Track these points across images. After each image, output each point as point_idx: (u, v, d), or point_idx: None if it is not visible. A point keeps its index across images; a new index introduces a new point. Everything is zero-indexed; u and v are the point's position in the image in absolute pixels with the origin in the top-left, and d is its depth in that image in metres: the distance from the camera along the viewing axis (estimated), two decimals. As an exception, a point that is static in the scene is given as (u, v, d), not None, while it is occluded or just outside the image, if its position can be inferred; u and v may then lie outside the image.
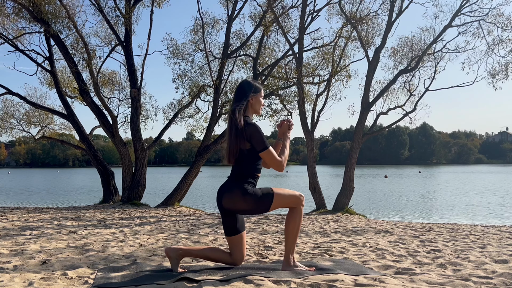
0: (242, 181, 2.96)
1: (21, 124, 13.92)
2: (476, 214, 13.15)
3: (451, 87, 11.39)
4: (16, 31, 12.36)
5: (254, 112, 3.08)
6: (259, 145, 2.91)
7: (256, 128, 2.92)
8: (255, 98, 3.05)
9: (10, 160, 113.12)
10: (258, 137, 2.91)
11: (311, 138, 10.84)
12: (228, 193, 2.96)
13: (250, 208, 2.95)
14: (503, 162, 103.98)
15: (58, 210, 9.82)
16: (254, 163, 2.99)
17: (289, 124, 3.18)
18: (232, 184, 2.97)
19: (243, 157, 2.96)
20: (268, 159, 2.94)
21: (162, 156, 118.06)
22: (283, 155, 3.04)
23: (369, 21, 10.83)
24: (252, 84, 3.08)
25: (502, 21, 10.04)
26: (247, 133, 2.91)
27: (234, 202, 2.94)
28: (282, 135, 3.17)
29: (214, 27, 12.09)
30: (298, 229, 3.05)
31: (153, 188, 24.10)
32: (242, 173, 2.98)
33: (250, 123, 2.94)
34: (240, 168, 2.99)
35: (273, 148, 3.05)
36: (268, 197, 2.95)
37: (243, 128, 2.91)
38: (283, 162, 3.00)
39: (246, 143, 2.92)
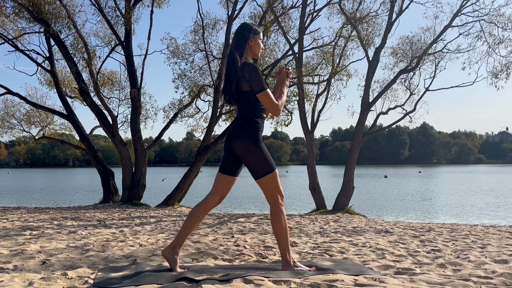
0: (250, 124, 2.97)
1: (21, 124, 13.92)
2: (474, 214, 13.15)
3: (451, 87, 11.42)
4: (16, 31, 12.36)
5: (253, 55, 3.08)
6: (257, 85, 2.91)
7: (256, 68, 2.93)
8: (254, 40, 3.05)
9: (10, 160, 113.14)
10: (257, 77, 2.91)
11: (311, 138, 10.84)
12: (239, 139, 2.96)
13: (250, 160, 2.96)
14: (503, 162, 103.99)
15: (58, 210, 9.82)
16: (257, 104, 2.99)
17: (288, 71, 3.17)
18: (241, 129, 2.98)
19: (245, 99, 2.97)
20: (265, 101, 2.94)
21: (162, 156, 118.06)
22: (280, 99, 3.04)
23: (369, 21, 10.84)
24: (251, 27, 3.07)
25: (502, 21, 10.04)
26: (246, 72, 2.91)
27: (243, 148, 2.95)
28: (280, 83, 3.16)
29: (214, 27, 12.10)
30: (286, 228, 3.03)
31: (153, 188, 24.11)
32: (248, 116, 2.99)
33: (249, 63, 2.95)
34: (244, 111, 3.00)
35: None
36: (268, 168, 2.96)
37: (242, 67, 2.91)
38: (279, 105, 2.99)
39: (245, 83, 2.93)
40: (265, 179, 2.97)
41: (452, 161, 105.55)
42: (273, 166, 3.00)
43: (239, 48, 2.98)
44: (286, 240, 3.04)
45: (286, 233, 3.03)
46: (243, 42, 3.01)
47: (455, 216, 12.80)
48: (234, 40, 3.05)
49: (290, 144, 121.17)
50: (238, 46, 2.99)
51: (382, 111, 10.88)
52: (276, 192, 3.01)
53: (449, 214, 13.19)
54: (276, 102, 2.97)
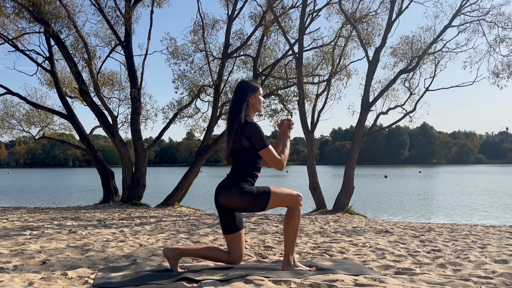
0: (240, 179, 2.97)
1: (21, 124, 13.93)
2: (474, 214, 13.15)
3: (451, 87, 11.41)
4: (16, 31, 12.37)
5: (255, 110, 3.10)
6: (259, 143, 2.92)
7: (256, 126, 2.94)
8: (255, 97, 3.06)
9: (10, 160, 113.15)
10: (258, 135, 2.92)
11: (311, 138, 10.84)
12: (225, 191, 2.97)
13: (246, 206, 2.95)
14: (503, 162, 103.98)
15: (58, 210, 9.82)
16: (253, 162, 3.00)
17: (290, 123, 3.18)
18: (229, 182, 2.98)
19: (242, 155, 2.98)
20: (268, 158, 2.95)
21: (162, 156, 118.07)
22: (283, 154, 3.04)
23: (369, 20, 10.83)
24: (250, 84, 3.09)
25: (502, 20, 10.04)
26: (247, 131, 2.92)
27: (231, 200, 2.95)
28: (282, 135, 3.18)
29: (214, 27, 12.10)
30: (297, 229, 3.04)
31: (153, 188, 24.11)
32: (241, 171, 2.99)
33: (249, 121, 2.96)
34: (239, 166, 3.01)
35: (274, 148, 3.06)
36: (264, 196, 2.95)
37: (243, 126, 2.93)
38: (283, 160, 3.00)
39: (246, 141, 2.93)
40: (269, 205, 2.97)
41: (452, 161, 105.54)
42: (266, 189, 2.98)
43: (239, 106, 2.98)
44: (294, 242, 3.05)
45: (296, 234, 3.05)
46: (243, 100, 3.01)
47: (455, 216, 12.80)
48: (234, 99, 3.05)
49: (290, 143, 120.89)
50: (238, 105, 2.99)
51: (382, 111, 10.88)
52: (287, 199, 3.00)
53: (449, 214, 13.19)
54: (278, 157, 2.98)
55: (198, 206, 14.00)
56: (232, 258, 3.08)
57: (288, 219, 3.03)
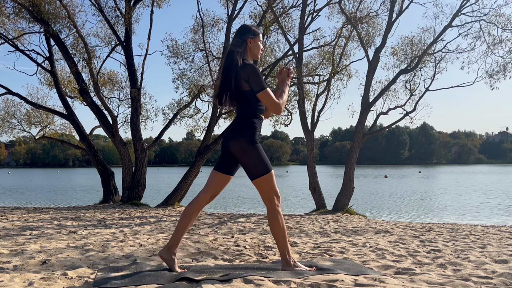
0: (248, 125, 2.97)
1: (22, 124, 13.93)
2: (474, 214, 13.15)
3: (451, 87, 11.40)
4: (16, 31, 12.36)
5: (252, 56, 3.09)
6: (257, 85, 2.91)
7: (254, 68, 2.92)
8: (254, 41, 3.05)
9: (10, 160, 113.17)
10: (256, 77, 2.91)
11: (311, 138, 10.84)
12: (236, 139, 2.96)
13: (247, 160, 2.96)
14: (503, 162, 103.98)
15: (58, 210, 9.82)
16: (256, 104, 2.99)
17: (289, 71, 3.17)
18: (239, 130, 2.98)
19: (243, 99, 2.97)
20: (266, 100, 2.93)
21: (162, 156, 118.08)
22: (281, 98, 3.03)
23: (370, 21, 10.83)
24: (251, 28, 3.08)
25: (502, 21, 10.04)
26: (245, 73, 2.91)
27: (240, 148, 2.94)
28: (281, 83, 3.16)
29: (214, 26, 12.10)
30: (284, 228, 3.02)
31: (153, 188, 24.10)
32: (246, 116, 2.99)
33: (247, 63, 2.95)
34: (242, 112, 3.00)
35: None
36: (264, 169, 2.96)
37: (241, 68, 2.91)
38: (280, 104, 2.99)
39: (245, 83, 2.92)
40: (261, 179, 2.97)
41: (452, 161, 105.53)
42: (269, 166, 2.99)
43: (238, 48, 2.98)
44: (285, 241, 3.04)
45: (284, 234, 3.02)
46: (242, 42, 3.01)
47: (455, 216, 12.80)
48: (233, 40, 3.05)
49: (290, 144, 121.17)
50: (237, 47, 2.99)
51: (382, 111, 10.88)
52: (272, 193, 3.00)
53: (449, 214, 13.19)
54: (276, 100, 2.97)
55: (198, 206, 13.97)
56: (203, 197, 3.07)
57: (271, 219, 3.02)
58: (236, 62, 2.94)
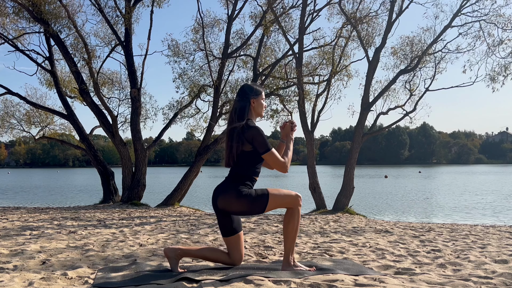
0: (238, 182, 2.96)
1: (21, 124, 13.93)
2: (474, 214, 13.15)
3: (451, 87, 11.38)
4: (16, 31, 12.36)
5: (256, 115, 3.10)
6: (262, 147, 2.91)
7: (258, 130, 2.93)
8: (257, 101, 3.06)
9: (10, 160, 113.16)
10: (260, 139, 2.91)
11: (311, 138, 10.84)
12: (223, 194, 2.96)
13: (244, 209, 2.95)
14: (503, 162, 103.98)
15: (58, 210, 9.82)
16: (253, 166, 3.00)
17: (292, 125, 3.18)
18: (227, 185, 2.98)
19: (243, 159, 2.97)
20: (271, 161, 2.95)
21: (162, 156, 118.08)
22: (286, 156, 3.04)
23: (369, 21, 10.83)
24: (253, 87, 3.09)
25: (502, 21, 10.03)
26: (249, 135, 2.91)
27: (229, 203, 2.94)
28: (285, 137, 3.17)
29: (214, 26, 12.11)
30: (296, 230, 3.04)
31: (153, 188, 24.10)
32: (240, 175, 2.98)
33: (252, 125, 2.94)
34: (238, 169, 2.99)
35: (276, 150, 3.06)
36: (263, 198, 2.94)
37: (244, 130, 2.91)
38: (286, 163, 2.99)
39: (248, 145, 2.93)
40: (269, 207, 2.97)
41: (452, 161, 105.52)
42: (264, 192, 2.97)
43: (241, 110, 2.98)
44: (294, 242, 3.05)
45: (295, 235, 3.04)
46: (245, 103, 3.01)
47: (455, 216, 12.80)
48: (235, 102, 3.05)
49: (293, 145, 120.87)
50: (240, 108, 2.99)
51: (382, 111, 10.87)
52: (287, 200, 3.00)
53: (449, 214, 13.19)
54: (282, 159, 2.98)
55: (198, 206, 14.00)
56: (232, 259, 3.10)
57: (287, 219, 3.03)
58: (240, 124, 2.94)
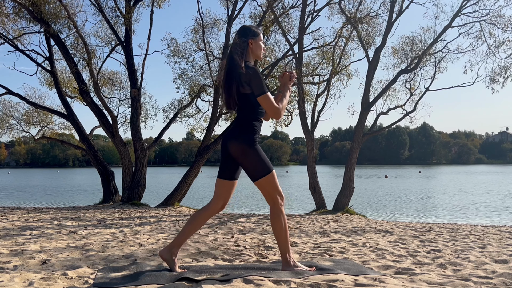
0: (247, 127, 2.96)
1: (21, 124, 13.92)
2: (474, 214, 13.15)
3: (451, 87, 11.39)
4: (16, 31, 12.35)
5: (255, 57, 3.08)
6: (258, 89, 2.90)
7: (256, 71, 2.92)
8: (255, 42, 3.05)
9: (10, 160, 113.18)
10: (257, 81, 2.90)
11: (311, 138, 10.84)
12: (235, 140, 2.96)
13: (248, 161, 2.95)
14: (503, 162, 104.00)
15: (58, 210, 9.82)
16: (256, 107, 2.99)
17: (291, 75, 3.16)
18: (238, 131, 2.97)
19: (245, 102, 2.96)
20: (266, 105, 2.93)
21: (162, 156, 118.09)
22: (281, 103, 3.02)
23: (370, 21, 10.83)
24: (251, 29, 3.07)
25: (502, 22, 10.03)
26: (247, 75, 2.90)
27: (239, 150, 2.94)
28: (283, 86, 3.15)
29: (214, 27, 12.11)
30: (285, 228, 3.03)
31: (153, 188, 24.10)
32: (246, 118, 2.98)
33: (249, 66, 2.94)
34: (243, 113, 2.99)
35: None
36: (266, 169, 2.95)
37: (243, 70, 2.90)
38: (280, 109, 2.97)
39: (246, 86, 2.92)
40: (262, 180, 2.97)
41: (452, 161, 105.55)
42: (270, 167, 2.99)
43: (239, 50, 2.98)
44: (286, 241, 3.04)
45: (286, 234, 3.03)
46: (243, 44, 3.00)
47: (455, 216, 12.80)
48: (234, 43, 3.04)
49: (290, 144, 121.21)
50: (238, 49, 2.98)
51: (382, 111, 10.88)
52: (275, 193, 3.01)
53: (449, 214, 13.19)
54: (276, 105, 2.95)
55: (198, 206, 14.01)
56: (214, 205, 3.06)
57: (274, 219, 3.02)
58: (238, 65, 2.94)
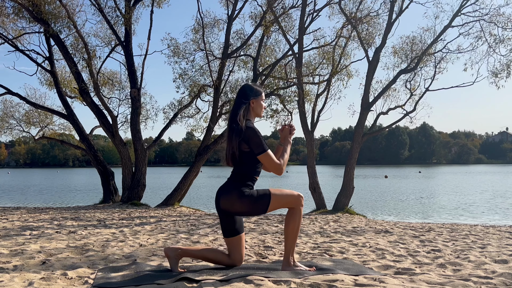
0: (240, 183, 2.97)
1: (21, 125, 13.92)
2: (474, 214, 13.15)
3: (451, 87, 11.39)
4: (16, 31, 12.36)
5: (255, 115, 3.11)
6: (257, 148, 2.92)
7: (255, 131, 2.94)
8: (256, 101, 3.07)
9: (10, 160, 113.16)
10: (257, 140, 2.92)
11: (311, 138, 10.84)
12: (225, 195, 2.97)
13: (247, 210, 2.96)
14: (503, 162, 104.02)
15: (58, 210, 9.82)
16: (253, 166, 3.00)
17: (291, 128, 3.19)
18: (229, 186, 2.99)
19: (242, 159, 2.98)
20: (267, 162, 2.95)
21: (162, 156, 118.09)
22: (282, 158, 3.04)
23: (370, 21, 10.83)
24: (253, 88, 3.10)
25: (502, 20, 10.03)
26: (246, 135, 2.92)
27: (231, 204, 2.95)
28: (283, 140, 3.18)
29: (215, 26, 12.11)
30: (297, 230, 3.05)
31: (153, 188, 24.10)
32: (241, 175, 3.00)
33: (249, 126, 2.95)
34: (239, 169, 3.01)
35: (274, 152, 3.07)
36: (265, 199, 2.95)
37: (242, 130, 2.92)
38: (282, 165, 3.00)
39: (245, 145, 2.94)
40: (271, 207, 2.98)
41: (452, 161, 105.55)
42: (266, 192, 2.98)
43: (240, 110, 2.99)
44: (294, 242, 3.06)
45: (296, 235, 3.05)
46: (244, 104, 3.01)
47: (455, 216, 12.80)
48: (235, 102, 3.06)
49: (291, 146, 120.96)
50: (240, 109, 2.99)
51: (382, 111, 10.88)
52: (289, 200, 3.01)
53: (449, 214, 13.19)
54: (277, 161, 2.97)
55: (198, 206, 14.01)
56: (233, 260, 3.10)
57: (288, 219, 3.04)
58: (239, 124, 2.95)
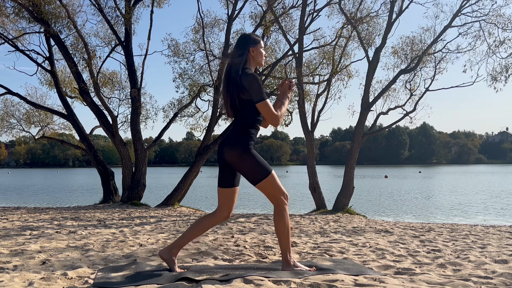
0: (243, 133, 2.95)
1: (21, 124, 13.93)
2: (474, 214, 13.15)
3: (451, 87, 11.38)
4: (16, 31, 12.36)
5: (256, 64, 3.09)
6: (257, 95, 2.89)
7: (255, 78, 2.91)
8: (256, 49, 3.05)
9: (10, 160, 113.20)
10: (257, 87, 2.89)
11: (311, 138, 10.84)
12: (230, 146, 2.95)
13: (245, 167, 2.94)
14: (503, 162, 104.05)
15: (58, 210, 9.82)
16: (255, 114, 2.98)
17: (290, 84, 3.16)
18: (234, 137, 2.96)
19: (243, 109, 2.96)
20: (264, 111, 2.92)
21: (162, 156, 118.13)
22: (280, 110, 3.02)
23: (370, 21, 10.84)
24: (251, 37, 3.08)
25: (502, 21, 10.03)
26: (246, 82, 2.90)
27: (234, 156, 2.93)
28: (282, 95, 3.15)
29: (215, 26, 12.11)
30: (288, 228, 3.03)
31: (153, 188, 24.10)
32: (243, 124, 2.98)
33: (249, 72, 2.94)
34: (241, 119, 2.99)
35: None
36: (264, 172, 2.94)
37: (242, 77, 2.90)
38: (279, 116, 2.97)
39: (245, 92, 2.92)
40: (263, 183, 2.96)
41: (452, 161, 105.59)
42: (268, 168, 2.97)
43: (240, 59, 2.98)
44: (288, 240, 3.04)
45: (288, 233, 3.03)
46: (243, 52, 3.00)
47: (455, 216, 12.80)
48: (234, 51, 3.04)
49: (290, 144, 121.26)
50: (238, 57, 2.98)
51: (382, 111, 10.88)
52: (278, 193, 3.00)
53: (449, 214, 13.19)
54: (275, 112, 2.95)
55: (198, 206, 14.01)
56: (219, 215, 3.06)
57: (277, 218, 3.03)
58: (237, 71, 2.94)
